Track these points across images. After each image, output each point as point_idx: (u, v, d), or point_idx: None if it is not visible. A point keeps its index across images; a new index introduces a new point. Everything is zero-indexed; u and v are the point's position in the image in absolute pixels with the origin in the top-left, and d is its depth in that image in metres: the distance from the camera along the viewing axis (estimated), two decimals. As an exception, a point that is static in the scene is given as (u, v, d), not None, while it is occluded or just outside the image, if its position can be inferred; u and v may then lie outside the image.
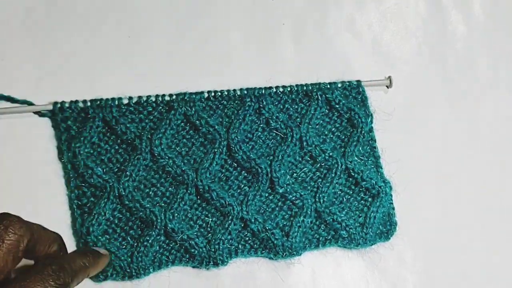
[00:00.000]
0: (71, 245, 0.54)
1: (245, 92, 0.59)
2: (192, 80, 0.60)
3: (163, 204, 0.55)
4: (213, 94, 0.59)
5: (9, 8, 0.60)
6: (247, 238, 0.56)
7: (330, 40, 0.67)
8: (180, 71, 0.61)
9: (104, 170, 0.55)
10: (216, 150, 0.57)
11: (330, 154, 0.59)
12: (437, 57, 0.69)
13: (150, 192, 0.55)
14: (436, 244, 0.62)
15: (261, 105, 0.59)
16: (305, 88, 0.61)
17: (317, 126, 0.61)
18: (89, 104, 0.55)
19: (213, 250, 0.54)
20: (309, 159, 0.60)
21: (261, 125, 0.59)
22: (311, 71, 0.64)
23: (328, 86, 0.61)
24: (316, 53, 0.66)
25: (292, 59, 0.65)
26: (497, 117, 0.68)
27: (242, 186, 0.58)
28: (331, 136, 0.61)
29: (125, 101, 0.56)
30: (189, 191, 0.55)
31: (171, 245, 0.55)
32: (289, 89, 0.60)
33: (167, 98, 0.57)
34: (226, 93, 0.59)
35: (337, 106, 0.61)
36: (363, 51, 0.67)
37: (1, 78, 0.57)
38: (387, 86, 0.65)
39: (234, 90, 0.59)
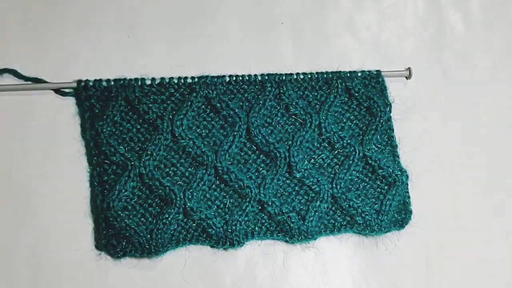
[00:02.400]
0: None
1: (266, 77, 0.60)
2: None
3: (182, 184, 0.56)
4: (234, 78, 0.59)
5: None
6: (263, 221, 0.57)
7: (329, 39, 0.67)
8: (178, 72, 0.59)
9: (126, 148, 0.56)
10: (236, 133, 0.57)
11: (348, 141, 0.60)
12: (435, 56, 0.69)
13: (170, 172, 0.56)
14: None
15: (281, 91, 0.60)
16: (325, 76, 0.61)
17: (336, 114, 0.61)
18: (112, 83, 0.56)
19: (230, 230, 0.55)
20: (327, 145, 0.60)
21: (281, 111, 0.60)
22: (310, 69, 0.63)
23: (348, 75, 0.62)
24: (315, 52, 0.65)
25: (291, 57, 0.65)
26: (496, 114, 0.69)
27: (260, 169, 0.58)
28: (350, 123, 0.62)
29: (148, 82, 0.57)
30: (208, 172, 0.56)
31: (189, 224, 0.55)
32: (309, 76, 0.61)
33: (189, 80, 0.58)
34: (247, 77, 0.60)
35: (356, 94, 0.61)
36: (362, 50, 0.67)
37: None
38: (406, 77, 0.65)
39: (255, 75, 0.60)
